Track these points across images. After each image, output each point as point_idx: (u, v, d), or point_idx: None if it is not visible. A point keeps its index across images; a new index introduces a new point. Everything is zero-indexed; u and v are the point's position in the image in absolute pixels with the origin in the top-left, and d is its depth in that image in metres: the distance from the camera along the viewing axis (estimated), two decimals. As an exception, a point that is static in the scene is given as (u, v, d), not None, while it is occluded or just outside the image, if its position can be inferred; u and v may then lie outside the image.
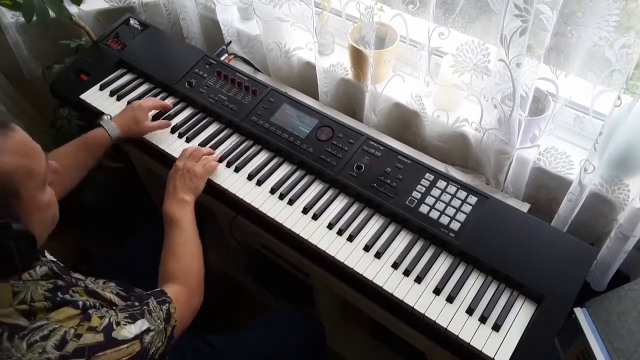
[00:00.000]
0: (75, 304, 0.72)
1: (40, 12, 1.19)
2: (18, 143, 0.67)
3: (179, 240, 1.00)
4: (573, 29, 0.93)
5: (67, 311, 0.70)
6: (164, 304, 0.84)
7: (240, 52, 1.55)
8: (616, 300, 1.05)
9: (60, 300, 0.71)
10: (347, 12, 1.27)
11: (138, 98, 1.33)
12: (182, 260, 0.97)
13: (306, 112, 1.24)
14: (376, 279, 0.98)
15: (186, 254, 0.99)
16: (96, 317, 0.72)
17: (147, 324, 0.78)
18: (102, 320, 0.73)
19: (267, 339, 1.13)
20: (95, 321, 0.72)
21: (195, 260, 1.00)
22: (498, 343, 0.89)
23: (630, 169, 1.04)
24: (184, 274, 0.95)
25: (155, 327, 0.79)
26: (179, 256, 0.97)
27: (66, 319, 0.69)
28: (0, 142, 0.65)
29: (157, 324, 0.80)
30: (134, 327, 0.75)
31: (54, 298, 0.71)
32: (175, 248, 0.98)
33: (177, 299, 0.87)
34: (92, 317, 0.72)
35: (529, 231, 1.01)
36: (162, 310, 0.82)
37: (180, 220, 1.02)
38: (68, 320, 0.69)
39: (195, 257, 1.00)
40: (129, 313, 0.77)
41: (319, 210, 1.08)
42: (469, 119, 1.19)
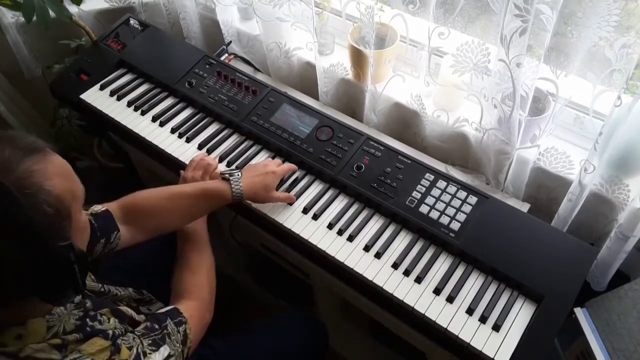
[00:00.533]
0: (105, 334, 0.72)
1: (40, 12, 1.19)
2: (60, 166, 0.67)
3: (193, 253, 1.00)
4: (573, 29, 0.93)
5: (98, 342, 0.70)
6: (181, 325, 0.84)
7: (240, 52, 1.55)
8: (616, 300, 1.05)
9: (90, 331, 0.71)
10: (347, 12, 1.27)
11: (138, 98, 1.33)
12: (197, 273, 0.97)
13: (306, 112, 1.24)
14: (376, 279, 0.98)
15: (201, 267, 0.99)
16: (125, 349, 0.72)
17: (169, 349, 0.78)
18: (131, 351, 0.73)
19: (269, 341, 1.13)
20: (125, 353, 0.72)
21: (209, 273, 1.00)
22: (498, 343, 0.89)
23: (630, 169, 1.04)
24: (198, 287, 0.95)
25: (175, 352, 0.79)
26: (195, 269, 0.97)
27: (97, 351, 0.69)
28: (45, 167, 0.64)
29: (176, 347, 0.80)
30: (158, 355, 0.76)
31: (84, 328, 0.71)
32: (190, 262, 0.98)
33: (191, 316, 0.87)
34: (122, 348, 0.72)
35: (529, 231, 1.01)
36: (179, 332, 0.83)
37: (194, 235, 1.03)
38: (99, 353, 0.69)
39: (209, 270, 1.00)
40: (151, 340, 0.77)
41: (319, 210, 1.08)
42: (469, 119, 1.19)
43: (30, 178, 0.61)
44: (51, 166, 0.65)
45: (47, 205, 0.61)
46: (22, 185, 0.60)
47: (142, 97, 1.34)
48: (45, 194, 0.62)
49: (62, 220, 0.65)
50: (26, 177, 0.61)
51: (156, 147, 1.23)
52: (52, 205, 0.62)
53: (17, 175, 0.60)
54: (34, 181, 0.61)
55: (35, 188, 0.61)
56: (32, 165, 0.62)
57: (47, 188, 0.62)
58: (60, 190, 0.64)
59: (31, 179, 0.61)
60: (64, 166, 0.68)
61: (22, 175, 0.61)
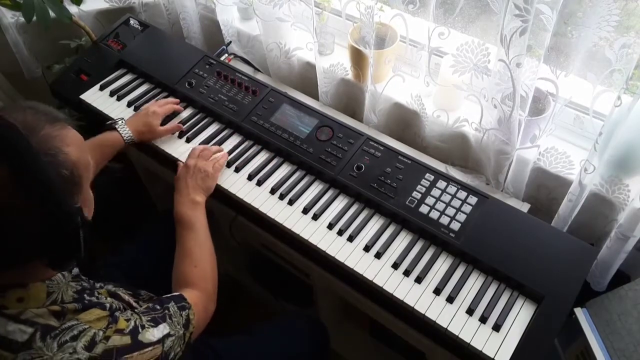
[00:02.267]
0: (103, 306, 0.74)
1: (40, 12, 1.19)
2: (77, 137, 0.72)
3: (194, 243, 1.00)
4: (573, 29, 0.93)
5: (96, 312, 0.72)
6: (184, 309, 0.85)
7: (240, 52, 1.55)
8: (616, 300, 1.05)
9: (88, 303, 0.73)
10: (347, 12, 1.26)
11: (138, 98, 1.33)
12: (199, 264, 0.97)
13: (306, 112, 1.24)
14: (376, 279, 0.98)
15: (202, 257, 0.99)
16: (123, 320, 0.74)
17: (168, 329, 0.78)
18: (129, 322, 0.74)
19: (270, 342, 1.12)
20: (122, 323, 0.73)
21: (211, 263, 1.00)
22: (498, 343, 0.89)
23: (630, 169, 1.04)
24: (202, 279, 0.95)
25: (175, 333, 0.79)
26: (196, 260, 0.97)
27: (95, 320, 0.71)
28: (65, 134, 0.69)
29: (177, 329, 0.80)
30: (157, 331, 0.76)
31: (82, 300, 0.73)
32: (191, 252, 0.98)
33: (195, 304, 0.88)
34: (119, 319, 0.73)
35: (529, 231, 1.01)
36: (181, 315, 0.83)
37: (194, 223, 1.02)
38: (97, 322, 0.70)
39: (211, 260, 1.00)
40: (151, 316, 0.78)
41: (319, 211, 1.08)
42: (469, 119, 1.19)
43: (51, 141, 0.66)
44: (69, 134, 0.70)
45: (63, 168, 0.66)
46: (44, 147, 0.64)
47: (142, 97, 1.34)
48: (63, 157, 0.66)
49: (74, 186, 0.68)
50: (48, 140, 0.66)
51: (156, 147, 1.23)
52: (68, 169, 0.66)
53: (40, 137, 0.65)
54: (54, 144, 0.66)
55: (55, 150, 0.65)
56: (53, 131, 0.67)
57: (65, 152, 0.67)
58: (75, 157, 0.68)
59: (52, 142, 0.66)
60: (79, 138, 0.73)
61: (44, 137, 0.65)
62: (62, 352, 0.66)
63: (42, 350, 0.65)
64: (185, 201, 1.05)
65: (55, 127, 0.68)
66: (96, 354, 0.67)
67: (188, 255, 0.98)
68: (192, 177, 1.08)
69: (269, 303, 1.70)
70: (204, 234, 1.02)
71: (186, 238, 1.00)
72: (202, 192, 1.08)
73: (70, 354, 0.66)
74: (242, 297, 1.77)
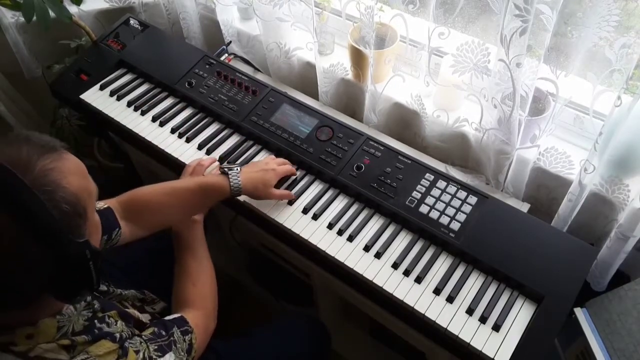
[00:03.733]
0: (113, 337, 0.72)
1: (40, 12, 1.19)
2: (76, 164, 0.68)
3: (192, 261, 1.00)
4: (573, 29, 0.93)
5: (106, 345, 0.70)
6: (187, 334, 0.85)
7: (240, 52, 1.55)
8: (616, 300, 1.05)
9: (98, 333, 0.71)
10: (347, 12, 1.27)
11: (138, 98, 1.33)
12: (198, 283, 0.97)
13: (306, 112, 1.24)
14: (376, 279, 0.98)
15: (201, 277, 0.99)
16: (132, 352, 0.73)
17: (174, 357, 0.79)
18: (137, 355, 0.73)
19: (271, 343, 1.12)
20: (132, 357, 0.72)
21: (211, 281, 1.00)
22: (498, 343, 0.89)
23: (630, 169, 1.04)
24: (201, 298, 0.96)
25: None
26: (195, 280, 0.97)
27: (105, 354, 0.69)
28: (62, 164, 0.65)
29: (182, 356, 0.81)
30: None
31: (92, 330, 0.71)
32: (190, 272, 0.98)
33: (197, 325, 0.88)
34: (129, 351, 0.72)
35: (529, 231, 1.01)
36: (185, 341, 0.83)
37: (191, 242, 1.02)
38: (106, 355, 0.69)
39: (210, 279, 1.00)
40: (158, 345, 0.78)
41: (319, 210, 1.08)
42: (469, 119, 1.19)
43: (48, 176, 0.62)
44: (67, 164, 0.66)
45: (64, 203, 0.62)
46: (40, 183, 0.60)
47: (142, 97, 1.34)
48: (63, 191, 0.62)
49: (79, 218, 0.65)
50: (44, 175, 0.62)
51: (156, 147, 1.23)
52: (69, 203, 0.63)
53: (35, 173, 0.61)
54: (51, 179, 0.62)
55: (53, 186, 0.62)
56: (50, 163, 0.63)
57: (64, 185, 0.63)
58: (76, 188, 0.64)
59: (49, 177, 0.62)
60: (79, 165, 0.69)
61: (40, 173, 0.61)
62: None
63: None
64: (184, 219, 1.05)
65: (52, 158, 0.64)
66: None
67: (187, 275, 0.98)
68: None
69: (269, 303, 1.70)
70: (202, 252, 1.02)
71: (184, 258, 1.00)
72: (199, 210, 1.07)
73: None
74: (242, 297, 1.77)
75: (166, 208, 1.00)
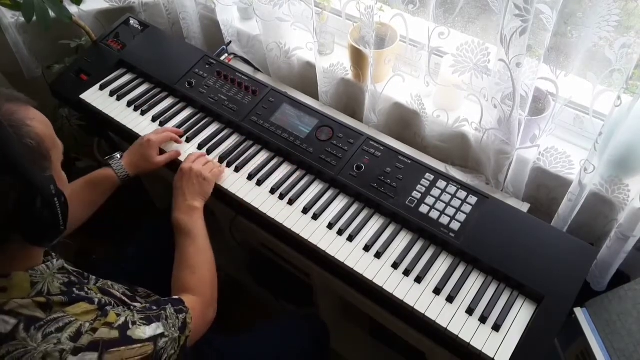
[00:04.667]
0: (91, 300, 0.73)
1: (40, 12, 1.19)
2: (41, 116, 0.72)
3: (192, 249, 0.99)
4: (573, 28, 0.93)
5: (83, 306, 0.71)
6: (181, 312, 0.84)
7: (240, 52, 1.55)
8: (616, 300, 1.05)
9: (76, 296, 0.72)
10: (347, 12, 1.27)
11: (138, 98, 1.33)
12: (197, 271, 0.96)
13: (306, 112, 1.24)
14: (376, 279, 0.98)
15: (201, 264, 0.98)
16: (113, 314, 0.73)
17: (162, 329, 0.78)
18: (119, 317, 0.73)
19: (271, 341, 1.13)
20: (112, 317, 0.73)
21: (210, 270, 0.99)
22: (498, 343, 0.89)
23: (630, 169, 1.04)
24: (200, 285, 0.95)
25: (170, 334, 0.78)
26: (194, 267, 0.97)
27: (82, 313, 0.70)
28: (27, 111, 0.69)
29: (172, 331, 0.79)
30: (149, 329, 0.76)
31: (70, 293, 0.72)
32: (189, 259, 0.98)
33: (193, 308, 0.87)
34: (109, 313, 0.73)
35: (529, 231, 1.01)
36: (178, 318, 0.82)
37: (191, 229, 1.01)
38: (84, 315, 0.70)
39: (210, 266, 1.00)
40: (145, 315, 0.78)
41: (319, 210, 1.08)
42: (469, 119, 1.19)
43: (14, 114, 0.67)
44: (32, 112, 0.70)
45: (29, 138, 0.66)
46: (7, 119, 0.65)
47: (142, 97, 1.34)
48: (27, 129, 0.67)
49: (43, 159, 0.69)
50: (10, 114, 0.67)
51: (156, 147, 1.23)
52: (34, 140, 0.67)
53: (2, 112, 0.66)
54: (17, 117, 0.67)
55: (18, 123, 0.66)
56: (15, 106, 0.68)
57: (30, 125, 0.67)
58: (41, 131, 0.69)
59: (15, 115, 0.67)
60: (44, 117, 0.73)
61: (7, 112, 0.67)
62: (47, 343, 0.65)
63: (25, 341, 0.65)
64: (183, 207, 1.04)
65: (17, 105, 0.69)
66: (81, 345, 0.67)
67: (186, 262, 0.97)
68: (188, 181, 1.07)
69: (269, 303, 1.70)
70: (202, 239, 1.02)
71: (184, 244, 1.00)
72: (200, 196, 1.06)
73: (55, 345, 0.65)
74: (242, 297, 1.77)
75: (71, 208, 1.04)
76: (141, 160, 1.14)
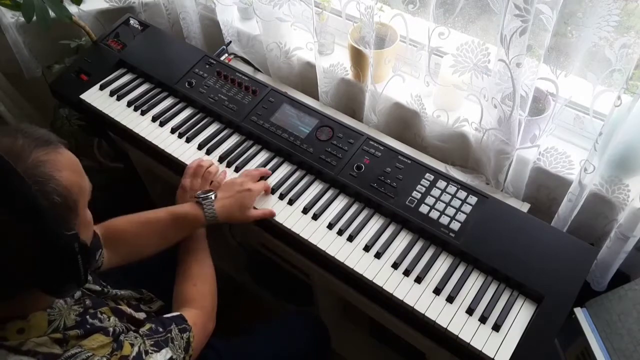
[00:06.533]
0: (106, 331, 0.73)
1: (40, 12, 1.19)
2: (70, 159, 0.69)
3: (194, 264, 1.00)
4: (573, 28, 0.93)
5: (99, 338, 0.71)
6: (185, 332, 0.85)
7: (240, 52, 1.55)
8: (616, 300, 1.05)
9: (90, 328, 0.72)
10: (347, 12, 1.27)
11: (138, 98, 1.33)
12: (199, 283, 0.97)
13: (306, 112, 1.24)
14: (376, 279, 0.98)
15: (202, 277, 0.99)
16: (127, 345, 0.73)
17: (170, 353, 0.79)
18: (132, 348, 0.74)
19: (271, 342, 1.13)
20: (127, 349, 0.73)
21: (211, 283, 1.00)
22: (498, 343, 0.89)
23: (630, 169, 1.04)
24: (201, 297, 0.96)
25: (177, 357, 0.80)
26: (196, 279, 0.98)
27: (99, 347, 0.70)
28: (55, 158, 0.66)
29: (179, 353, 0.81)
30: (160, 356, 0.76)
31: (84, 325, 0.72)
32: (192, 272, 0.99)
33: (195, 324, 0.88)
34: (124, 344, 0.73)
35: (529, 231, 1.01)
36: (182, 339, 0.83)
37: (194, 244, 1.03)
38: (100, 349, 0.70)
39: (211, 279, 1.01)
40: (154, 340, 0.78)
41: (319, 210, 1.08)
42: (469, 119, 1.19)
43: (40, 167, 0.63)
44: (61, 158, 0.67)
45: (55, 195, 0.63)
46: (32, 174, 0.62)
47: (142, 97, 1.34)
48: (55, 183, 0.63)
49: (69, 212, 0.66)
50: (37, 166, 0.63)
51: (156, 147, 1.23)
52: (61, 195, 0.64)
53: (28, 164, 0.62)
54: (44, 170, 0.63)
55: (45, 177, 0.63)
56: (43, 155, 0.64)
57: (57, 178, 0.64)
58: (68, 182, 0.65)
59: (42, 168, 0.63)
60: (73, 160, 0.70)
61: (33, 164, 0.63)
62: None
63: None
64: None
65: (46, 151, 0.65)
66: None
67: (188, 275, 0.98)
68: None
69: (269, 303, 1.70)
70: (203, 253, 1.03)
71: (187, 259, 1.01)
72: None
73: None
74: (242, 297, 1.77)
75: (141, 239, 1.00)
76: (237, 210, 1.04)
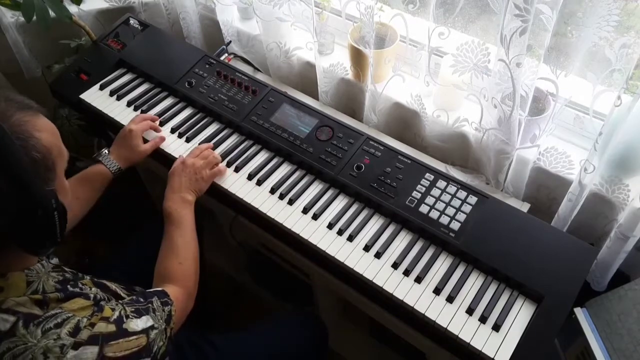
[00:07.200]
0: (87, 296, 0.75)
1: (40, 12, 1.19)
2: (49, 124, 0.73)
3: (181, 240, 1.00)
4: (573, 28, 0.93)
5: (80, 302, 0.73)
6: (167, 305, 0.85)
7: (240, 52, 1.55)
8: (616, 300, 1.05)
9: (71, 292, 0.74)
10: (347, 12, 1.27)
11: (138, 98, 1.33)
12: (184, 262, 0.97)
13: (306, 112, 1.24)
14: (376, 279, 0.98)
15: (188, 256, 0.99)
16: (108, 308, 0.75)
17: (152, 321, 0.80)
18: (114, 312, 0.75)
19: (270, 340, 1.13)
20: (108, 312, 0.74)
21: (195, 263, 1.00)
22: (498, 343, 0.89)
23: (630, 169, 1.04)
24: (185, 277, 0.96)
25: (158, 327, 0.81)
26: (182, 258, 0.98)
27: (79, 309, 0.72)
28: (36, 121, 0.71)
29: (160, 323, 0.81)
30: (140, 322, 0.78)
31: (65, 289, 0.74)
32: (177, 248, 0.99)
33: (177, 299, 0.89)
34: (105, 307, 0.75)
35: (529, 231, 1.01)
36: (164, 311, 0.84)
37: (182, 220, 1.03)
38: (81, 310, 0.72)
39: (195, 260, 1.01)
40: (135, 307, 0.79)
41: (319, 210, 1.08)
42: (469, 119, 1.19)
43: (23, 126, 0.68)
44: (40, 122, 0.72)
45: (35, 151, 0.68)
46: (14, 131, 0.66)
47: (142, 97, 1.34)
48: (34, 141, 0.68)
49: (47, 171, 0.70)
50: (19, 125, 0.68)
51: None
52: (40, 152, 0.68)
53: (11, 122, 0.67)
54: (26, 129, 0.68)
55: (26, 135, 0.68)
56: (25, 117, 0.70)
57: (37, 137, 0.69)
58: (48, 143, 0.70)
59: (24, 126, 0.68)
60: (52, 126, 0.74)
61: (15, 122, 0.68)
62: (46, 338, 0.67)
63: (25, 337, 0.66)
64: (176, 198, 1.05)
65: (27, 114, 0.70)
66: (81, 339, 0.69)
67: (174, 252, 0.98)
68: (187, 175, 1.09)
69: (269, 303, 1.70)
70: (191, 232, 1.03)
71: (174, 234, 1.01)
72: (194, 192, 1.08)
73: (55, 340, 0.67)
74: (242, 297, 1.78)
75: None
76: (128, 152, 1.16)
